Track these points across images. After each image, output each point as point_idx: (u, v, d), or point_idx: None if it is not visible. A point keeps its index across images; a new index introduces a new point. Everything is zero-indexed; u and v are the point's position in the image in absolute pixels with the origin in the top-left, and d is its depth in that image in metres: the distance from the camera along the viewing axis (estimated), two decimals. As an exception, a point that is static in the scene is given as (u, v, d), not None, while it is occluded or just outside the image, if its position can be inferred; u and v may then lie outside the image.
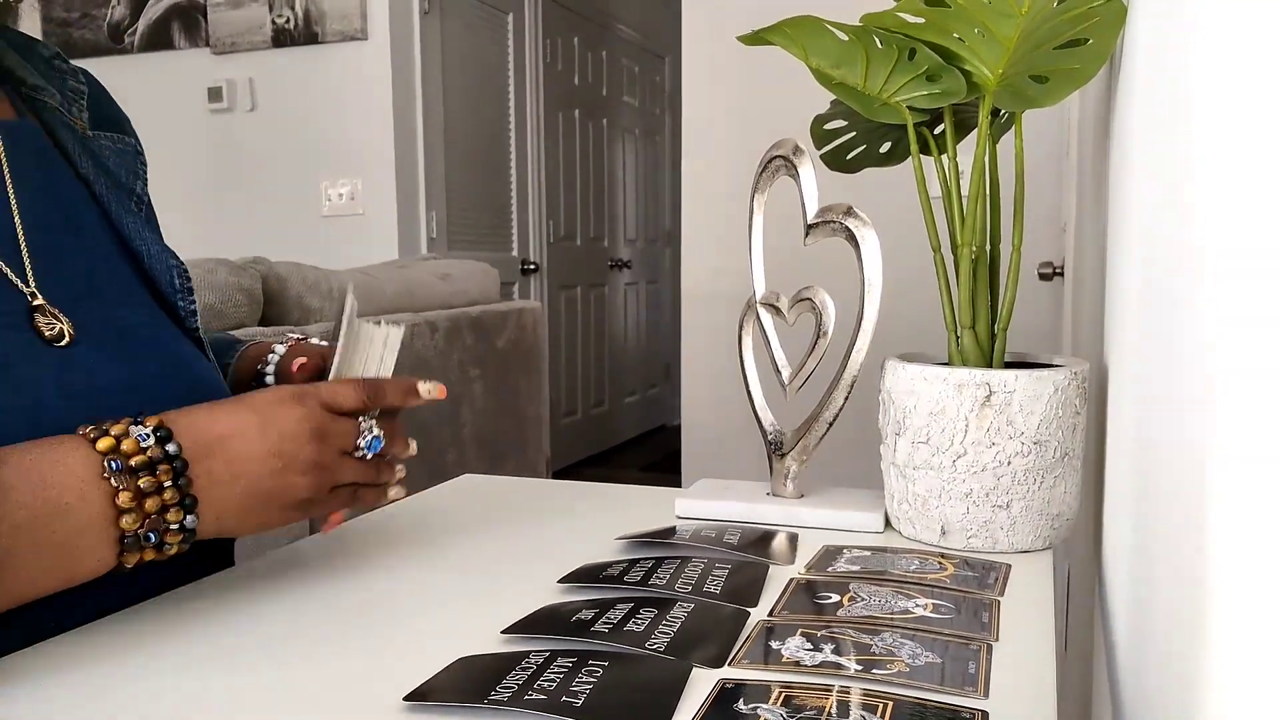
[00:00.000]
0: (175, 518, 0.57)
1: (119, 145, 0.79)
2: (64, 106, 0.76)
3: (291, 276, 1.96)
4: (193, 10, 3.58)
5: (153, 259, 0.76)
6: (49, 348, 0.64)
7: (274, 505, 0.62)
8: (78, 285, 0.69)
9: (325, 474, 0.63)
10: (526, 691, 0.47)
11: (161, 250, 0.77)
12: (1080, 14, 0.68)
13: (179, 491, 0.57)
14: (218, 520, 0.60)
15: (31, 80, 0.75)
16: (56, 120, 0.75)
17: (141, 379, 0.68)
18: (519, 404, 2.67)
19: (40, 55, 0.78)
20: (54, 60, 0.78)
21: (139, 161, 0.81)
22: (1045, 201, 2.31)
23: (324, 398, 0.64)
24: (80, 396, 0.63)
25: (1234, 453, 0.28)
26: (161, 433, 0.58)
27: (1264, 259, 0.25)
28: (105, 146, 0.78)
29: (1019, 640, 0.56)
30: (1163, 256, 0.47)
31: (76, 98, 0.78)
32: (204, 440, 0.59)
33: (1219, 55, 0.34)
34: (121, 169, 0.79)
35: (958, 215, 0.77)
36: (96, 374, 0.65)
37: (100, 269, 0.71)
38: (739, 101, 2.76)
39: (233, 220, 3.55)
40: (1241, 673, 0.26)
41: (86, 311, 0.67)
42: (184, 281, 0.77)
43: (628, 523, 0.79)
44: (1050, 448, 0.71)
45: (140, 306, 0.73)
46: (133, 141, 0.81)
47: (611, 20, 5.03)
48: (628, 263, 5.28)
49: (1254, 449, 0.26)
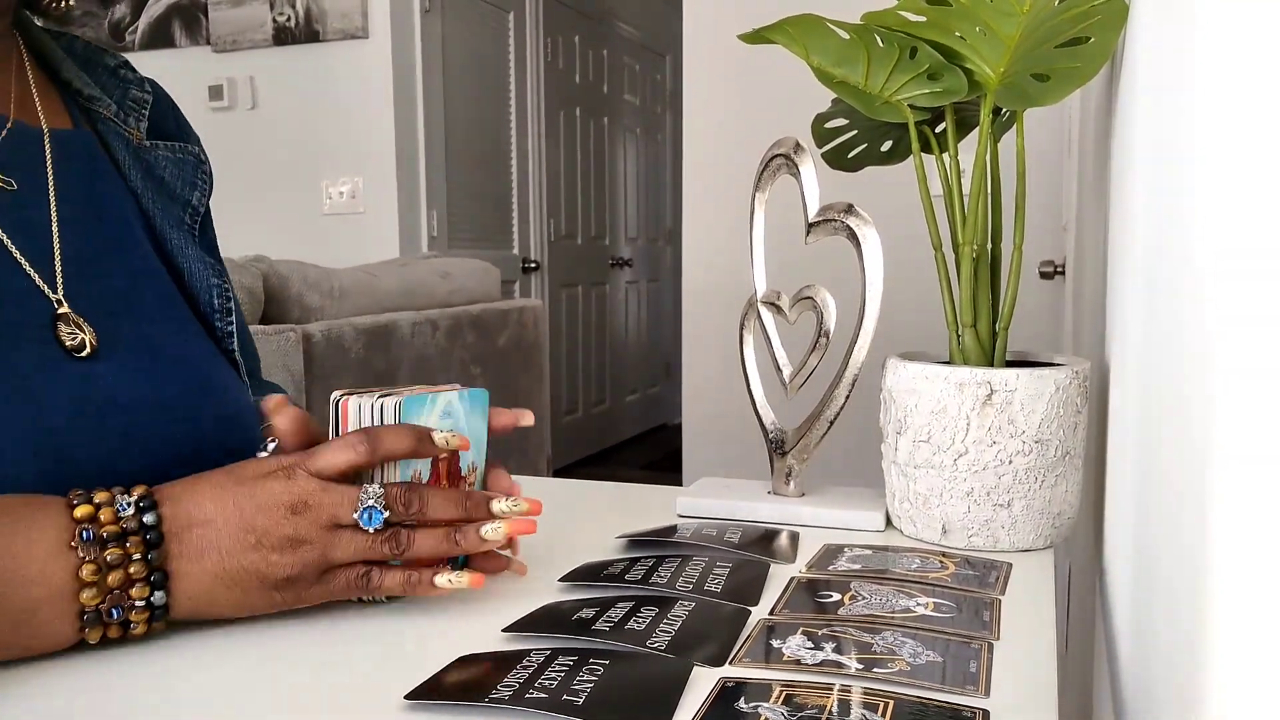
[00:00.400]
0: (140, 594, 0.53)
1: (179, 155, 0.78)
2: (119, 117, 0.75)
3: (292, 275, 1.96)
4: (193, 8, 3.58)
5: (194, 277, 0.75)
6: (70, 359, 0.62)
7: (251, 585, 0.56)
8: (113, 300, 0.67)
9: (308, 550, 0.56)
10: (527, 690, 0.47)
11: (204, 268, 0.76)
12: (1082, 12, 0.68)
13: (147, 566, 0.53)
14: (190, 599, 0.55)
15: (88, 91, 0.74)
16: (110, 130, 0.74)
17: (164, 396, 0.66)
18: (519, 403, 2.67)
19: (104, 65, 0.77)
20: (119, 70, 0.78)
21: (200, 172, 0.79)
22: (1046, 200, 2.31)
23: (313, 465, 0.57)
24: (94, 412, 0.62)
25: (1235, 451, 0.28)
26: (145, 502, 0.54)
27: (1266, 257, 0.25)
28: (163, 157, 0.77)
29: (1020, 639, 0.56)
30: (1164, 255, 0.47)
31: (136, 108, 0.77)
32: (188, 514, 0.55)
33: (1220, 53, 0.34)
34: (179, 179, 0.77)
35: (959, 214, 0.77)
36: (117, 390, 0.64)
37: (140, 285, 0.70)
38: (740, 100, 2.76)
39: (233, 218, 3.53)
40: (1242, 671, 0.26)
41: (117, 326, 0.66)
42: (224, 301, 0.76)
43: (628, 521, 0.79)
44: (1051, 446, 0.71)
45: (174, 323, 0.71)
46: (196, 151, 0.80)
47: (612, 18, 5.03)
48: (629, 261, 5.28)
49: (1255, 447, 0.26)
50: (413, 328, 2.21)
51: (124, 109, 0.76)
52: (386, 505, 0.57)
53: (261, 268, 1.91)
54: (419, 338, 2.22)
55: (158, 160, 0.77)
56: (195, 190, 0.79)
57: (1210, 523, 0.31)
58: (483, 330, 2.48)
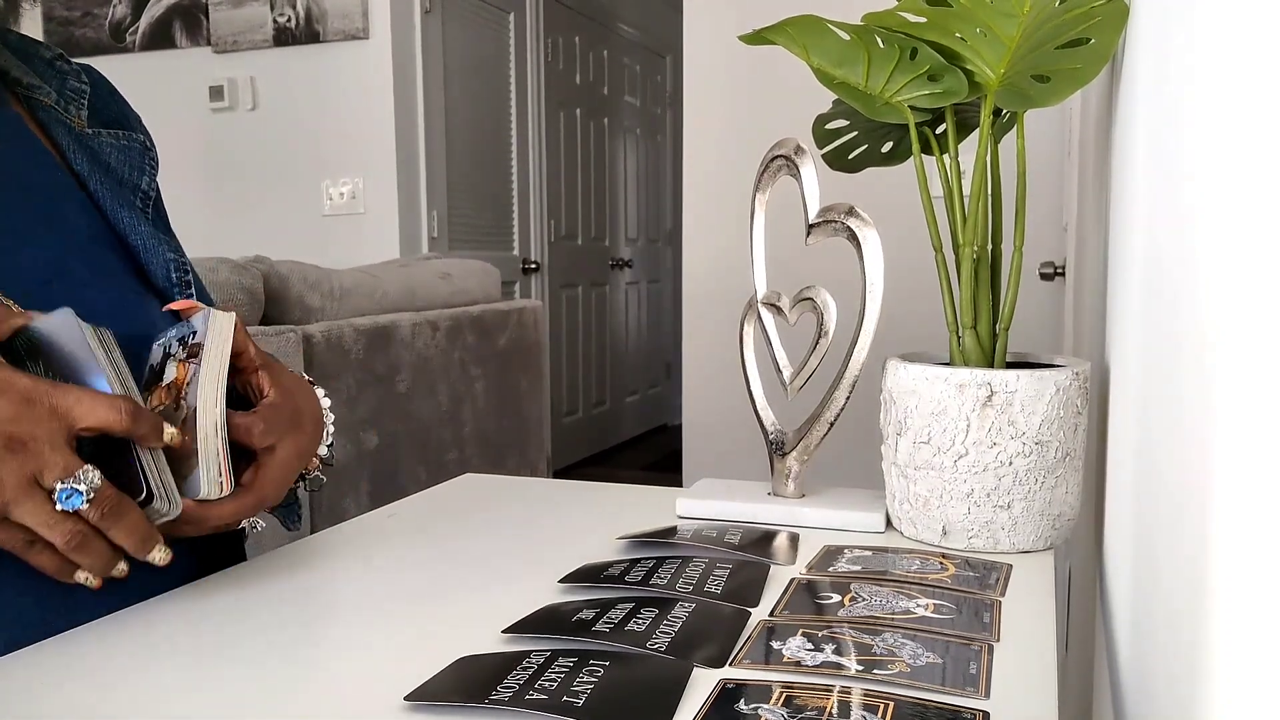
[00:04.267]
0: None
1: (123, 142, 0.80)
2: (60, 105, 0.77)
3: (293, 275, 1.96)
4: (194, 9, 3.58)
5: (148, 253, 0.76)
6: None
7: None
8: (44, 270, 0.68)
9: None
10: (527, 691, 0.47)
11: (158, 244, 0.76)
12: (1082, 14, 0.68)
13: None
14: None
15: (26, 79, 0.76)
16: (52, 119, 0.76)
17: None
18: (520, 403, 2.67)
19: (41, 57, 0.79)
20: (55, 61, 0.79)
21: (147, 159, 0.81)
22: (1047, 201, 2.31)
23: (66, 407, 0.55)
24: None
25: (1236, 453, 0.28)
26: None
27: (1266, 259, 0.25)
28: (106, 144, 0.78)
29: (1020, 640, 0.56)
30: (1164, 256, 0.47)
31: (76, 97, 0.78)
32: None
33: (1221, 55, 0.34)
34: (125, 165, 0.79)
35: (959, 215, 0.77)
36: None
37: (74, 255, 0.71)
38: (740, 101, 2.76)
39: (234, 219, 3.55)
40: (1243, 673, 0.26)
41: (51, 295, 0.66)
42: (181, 274, 0.77)
43: (628, 522, 0.79)
44: (1051, 448, 0.71)
45: (115, 290, 0.72)
46: (140, 138, 0.81)
47: (613, 19, 5.03)
48: (629, 262, 5.28)
49: (1256, 449, 0.26)
50: (413, 329, 2.21)
51: (64, 97, 0.77)
52: (90, 500, 0.55)
53: (262, 268, 1.91)
54: (419, 339, 2.22)
55: (102, 147, 0.78)
56: (144, 175, 0.80)
57: (1210, 524, 0.31)
58: (483, 331, 2.48)
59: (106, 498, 0.56)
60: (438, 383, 2.29)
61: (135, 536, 0.58)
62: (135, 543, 0.58)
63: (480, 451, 2.46)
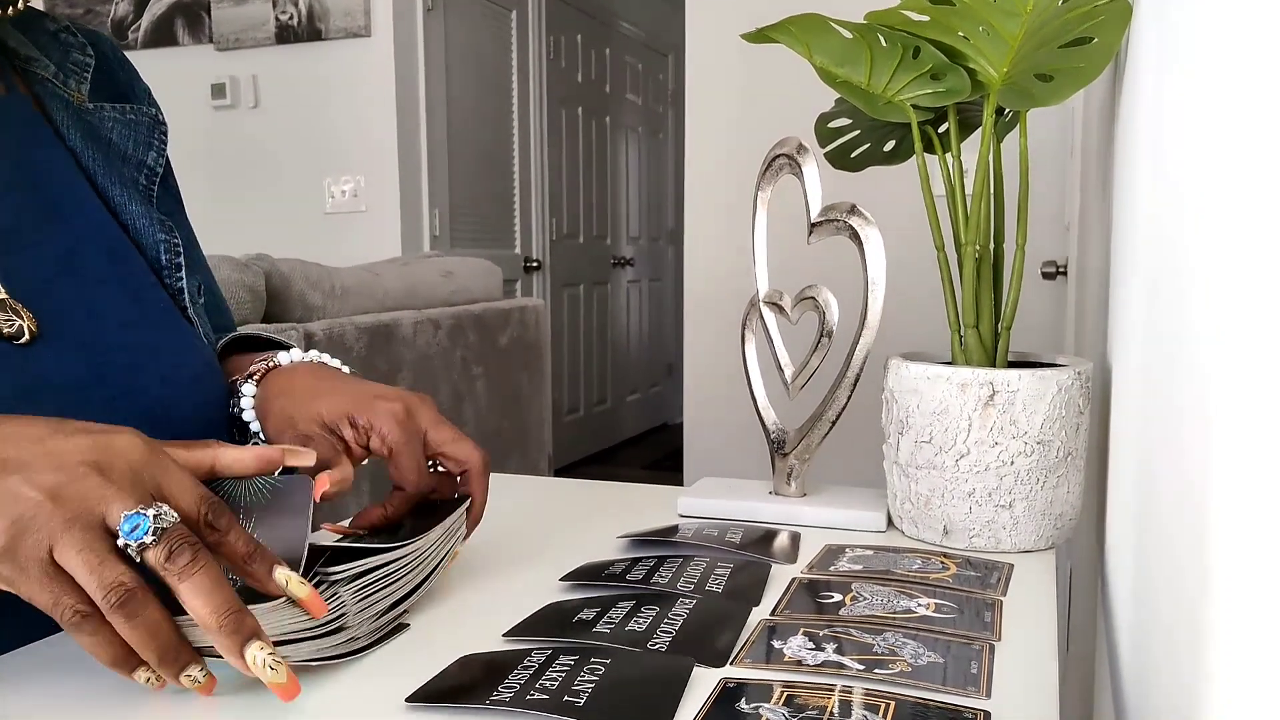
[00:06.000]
0: None
1: (129, 116, 0.77)
2: (58, 78, 0.74)
3: (294, 273, 1.96)
4: (196, 7, 3.58)
5: (139, 233, 0.73)
6: (9, 345, 0.61)
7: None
8: (52, 267, 0.66)
9: (41, 509, 0.45)
10: (528, 691, 0.47)
11: (150, 224, 0.74)
12: (1085, 12, 0.68)
13: None
14: None
15: (25, 51, 0.73)
16: (48, 92, 0.73)
17: (105, 373, 0.65)
18: (521, 402, 2.67)
19: (45, 29, 0.76)
20: (60, 34, 0.76)
21: (156, 133, 0.78)
22: (1049, 201, 2.31)
23: (199, 458, 0.52)
24: (36, 399, 0.60)
25: (1237, 452, 0.28)
26: None
27: (1268, 258, 0.25)
28: (109, 118, 0.76)
29: (1021, 640, 0.56)
30: (1167, 256, 0.47)
31: (77, 70, 0.75)
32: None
33: (1224, 53, 0.34)
34: (130, 140, 0.76)
35: (961, 214, 0.76)
36: (55, 372, 0.62)
37: (83, 248, 0.69)
38: (743, 99, 2.76)
39: (236, 217, 3.54)
40: (1244, 672, 0.26)
41: (60, 296, 0.65)
42: (173, 256, 0.74)
43: (630, 521, 0.79)
44: (1053, 447, 0.71)
45: (123, 283, 0.70)
46: (151, 111, 0.79)
47: (615, 17, 5.03)
48: (630, 260, 5.28)
49: (1257, 448, 0.25)
50: (414, 327, 2.21)
51: (64, 70, 0.75)
52: (156, 533, 0.45)
53: (264, 266, 1.91)
54: (421, 337, 2.22)
55: (103, 122, 0.75)
56: (151, 150, 0.77)
57: (1211, 524, 0.31)
58: (484, 330, 2.48)
59: (179, 537, 0.46)
60: (439, 381, 2.29)
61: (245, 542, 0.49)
62: (248, 548, 0.49)
63: (481, 450, 2.45)
